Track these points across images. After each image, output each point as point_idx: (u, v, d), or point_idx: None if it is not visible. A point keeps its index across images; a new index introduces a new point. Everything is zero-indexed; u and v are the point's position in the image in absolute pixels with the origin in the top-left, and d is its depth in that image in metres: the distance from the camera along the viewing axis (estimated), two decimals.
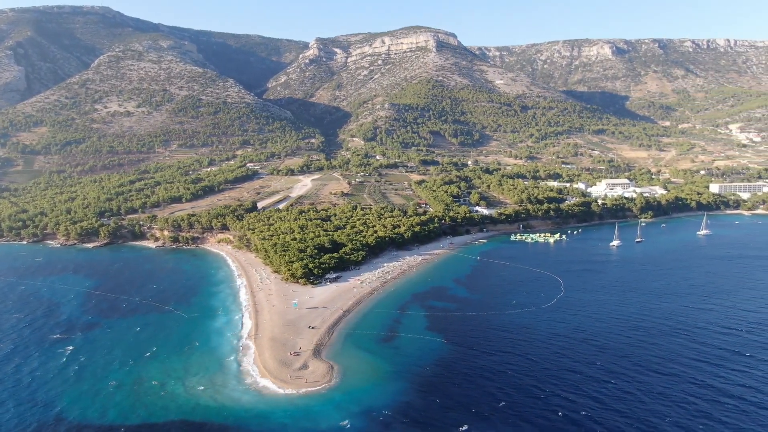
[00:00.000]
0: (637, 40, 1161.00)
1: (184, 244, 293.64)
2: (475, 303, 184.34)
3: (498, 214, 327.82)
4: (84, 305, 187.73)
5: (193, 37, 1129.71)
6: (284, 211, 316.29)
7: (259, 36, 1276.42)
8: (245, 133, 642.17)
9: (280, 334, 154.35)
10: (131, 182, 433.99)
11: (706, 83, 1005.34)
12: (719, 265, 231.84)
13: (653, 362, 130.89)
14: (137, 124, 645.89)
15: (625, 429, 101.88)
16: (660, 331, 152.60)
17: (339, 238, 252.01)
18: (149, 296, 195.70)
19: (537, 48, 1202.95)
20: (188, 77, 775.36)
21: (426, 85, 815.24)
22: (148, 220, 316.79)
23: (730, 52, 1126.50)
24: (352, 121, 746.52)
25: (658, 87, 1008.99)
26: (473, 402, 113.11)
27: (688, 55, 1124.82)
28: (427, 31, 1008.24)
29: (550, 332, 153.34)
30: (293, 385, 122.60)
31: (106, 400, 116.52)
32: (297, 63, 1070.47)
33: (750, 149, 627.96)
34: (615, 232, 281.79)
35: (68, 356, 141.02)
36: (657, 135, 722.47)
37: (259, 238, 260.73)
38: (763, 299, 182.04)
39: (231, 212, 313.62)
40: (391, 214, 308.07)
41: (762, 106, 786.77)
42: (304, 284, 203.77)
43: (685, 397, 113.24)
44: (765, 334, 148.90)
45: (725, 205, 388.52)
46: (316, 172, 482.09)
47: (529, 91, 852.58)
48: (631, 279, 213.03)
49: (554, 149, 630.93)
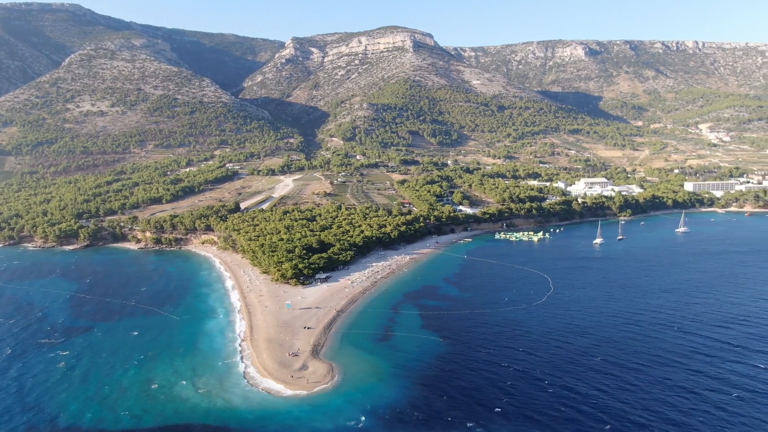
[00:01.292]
0: (609, 42, 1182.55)
1: (167, 246, 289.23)
2: (467, 301, 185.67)
3: (482, 213, 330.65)
4: (72, 309, 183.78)
5: (166, 35, 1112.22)
6: (268, 212, 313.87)
7: (233, 35, 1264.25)
8: (223, 133, 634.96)
9: (276, 335, 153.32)
10: (108, 183, 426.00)
11: (675, 84, 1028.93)
12: (701, 261, 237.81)
13: (649, 355, 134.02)
14: (111, 124, 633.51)
15: (633, 419, 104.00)
16: (651, 324, 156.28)
17: (326, 239, 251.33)
18: (138, 299, 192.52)
19: (512, 49, 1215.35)
20: (163, 76, 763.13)
21: (404, 85, 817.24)
22: (129, 221, 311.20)
23: (699, 54, 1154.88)
24: (331, 120, 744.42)
25: (630, 87, 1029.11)
26: (479, 397, 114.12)
27: (658, 56, 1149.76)
28: (404, 31, 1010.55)
29: (545, 328, 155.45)
30: (296, 386, 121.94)
31: (114, 405, 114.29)
32: (273, 62, 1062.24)
33: (720, 149, 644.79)
34: (598, 230, 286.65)
35: (67, 361, 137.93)
36: (630, 135, 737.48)
37: (246, 238, 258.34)
38: (745, 293, 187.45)
39: (214, 213, 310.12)
40: (376, 214, 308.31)
41: (730, 107, 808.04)
42: (295, 285, 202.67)
43: (685, 387, 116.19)
44: (751, 326, 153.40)
45: (700, 203, 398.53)
46: (297, 172, 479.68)
47: (505, 91, 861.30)
48: (618, 275, 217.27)
49: (531, 149, 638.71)
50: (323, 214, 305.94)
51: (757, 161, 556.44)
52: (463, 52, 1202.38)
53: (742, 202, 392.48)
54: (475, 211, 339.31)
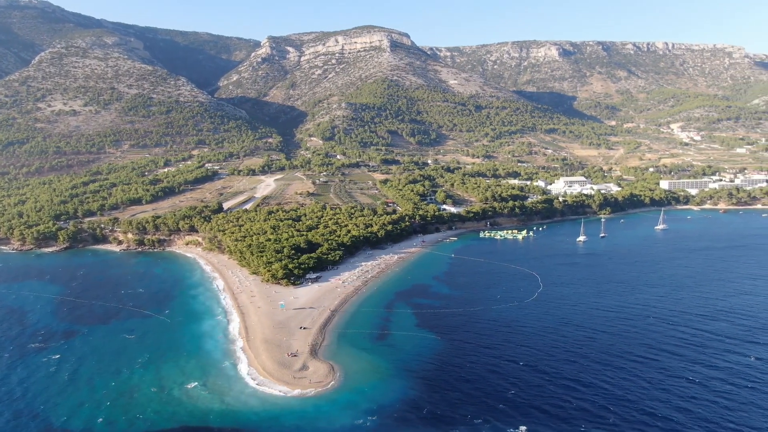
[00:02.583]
0: (582, 42, 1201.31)
1: (150, 247, 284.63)
2: (459, 299, 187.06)
3: (466, 212, 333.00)
4: (60, 312, 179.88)
5: (139, 33, 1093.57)
6: (253, 212, 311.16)
7: (207, 33, 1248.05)
8: (200, 132, 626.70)
9: (272, 335, 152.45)
10: (84, 184, 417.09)
11: (647, 84, 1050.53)
12: (683, 258, 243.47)
13: (642, 348, 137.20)
14: (85, 124, 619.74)
15: (638, 408, 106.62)
16: (642, 318, 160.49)
17: (314, 239, 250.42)
18: (126, 301, 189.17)
19: (487, 49, 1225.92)
20: (137, 75, 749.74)
21: (381, 84, 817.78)
22: (109, 222, 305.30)
23: (669, 55, 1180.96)
24: (309, 120, 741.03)
25: (603, 88, 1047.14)
26: (484, 393, 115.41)
27: (630, 57, 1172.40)
28: (381, 30, 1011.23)
29: (540, 324, 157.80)
30: (298, 386, 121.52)
31: (111, 410, 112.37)
32: (249, 61, 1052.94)
33: (692, 148, 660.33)
34: (581, 228, 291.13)
35: (57, 365, 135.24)
36: (605, 134, 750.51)
37: (232, 239, 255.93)
38: (728, 288, 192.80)
39: (197, 213, 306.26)
40: (361, 213, 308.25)
41: (699, 107, 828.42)
42: (286, 285, 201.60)
43: (684, 377, 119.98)
44: (736, 319, 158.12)
45: (676, 201, 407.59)
46: (278, 172, 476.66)
47: (482, 91, 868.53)
48: (604, 272, 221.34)
49: (509, 148, 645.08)
50: (308, 214, 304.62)
51: (727, 160, 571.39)
52: (438, 52, 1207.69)
53: (716, 200, 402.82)
54: (459, 210, 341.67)
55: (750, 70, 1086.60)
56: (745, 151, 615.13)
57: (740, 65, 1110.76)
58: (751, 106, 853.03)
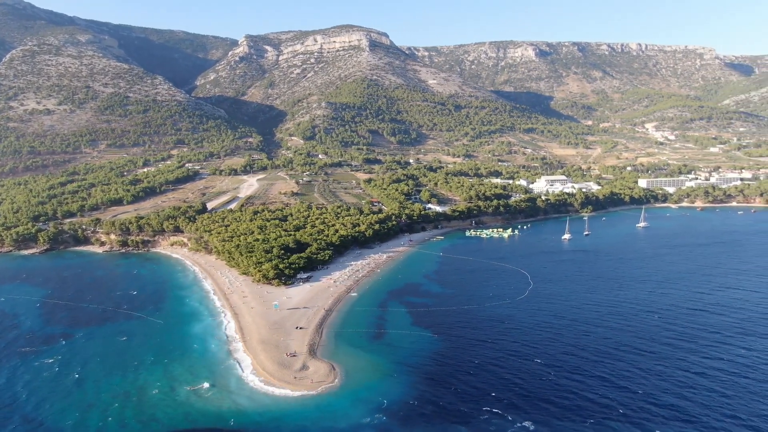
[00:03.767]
0: (558, 43, 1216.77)
1: (135, 248, 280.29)
2: (452, 297, 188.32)
3: (451, 211, 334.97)
4: (47, 315, 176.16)
5: (113, 31, 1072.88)
6: (238, 212, 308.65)
7: (183, 32, 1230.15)
8: (179, 132, 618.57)
9: (269, 336, 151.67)
10: (62, 184, 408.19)
11: (621, 84, 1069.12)
12: (666, 254, 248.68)
13: (637, 341, 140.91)
14: (59, 123, 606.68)
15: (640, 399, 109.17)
16: (634, 314, 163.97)
17: (303, 238, 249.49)
18: (116, 303, 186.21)
19: (464, 49, 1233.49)
20: (113, 74, 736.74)
21: (361, 84, 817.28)
22: (91, 223, 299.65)
23: (642, 56, 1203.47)
24: (288, 119, 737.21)
25: (579, 88, 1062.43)
26: (488, 387, 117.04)
27: (605, 57, 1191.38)
28: (360, 30, 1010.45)
29: (534, 321, 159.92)
30: (301, 386, 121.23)
31: (121, 412, 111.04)
32: (227, 60, 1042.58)
33: (667, 147, 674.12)
34: (566, 226, 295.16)
35: (59, 369, 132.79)
36: (582, 134, 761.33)
37: (219, 239, 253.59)
38: (713, 283, 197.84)
39: (182, 214, 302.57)
40: (348, 213, 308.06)
41: (673, 107, 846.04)
42: (278, 285, 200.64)
43: (680, 369, 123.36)
44: (723, 312, 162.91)
45: (654, 199, 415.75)
46: (260, 171, 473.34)
47: (461, 90, 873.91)
48: (591, 269, 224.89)
49: (489, 147, 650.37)
50: (294, 214, 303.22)
51: (702, 159, 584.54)
52: (416, 51, 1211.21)
53: (693, 198, 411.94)
54: (444, 209, 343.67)
55: (720, 71, 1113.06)
56: (718, 151, 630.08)
57: (711, 66, 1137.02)
58: (722, 107, 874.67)
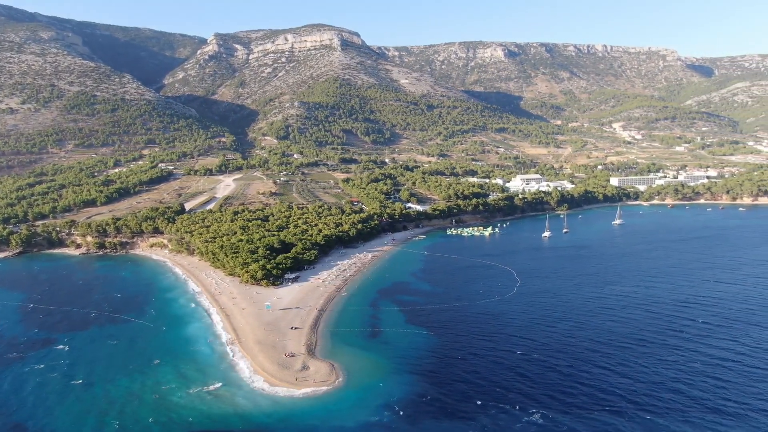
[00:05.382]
0: (527, 44, 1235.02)
1: (112, 251, 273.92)
2: (442, 295, 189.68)
3: (432, 210, 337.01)
4: (29, 320, 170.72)
5: (76, 28, 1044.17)
6: (218, 212, 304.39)
7: (149, 29, 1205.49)
8: (149, 132, 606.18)
9: (265, 337, 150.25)
10: (30, 185, 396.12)
11: (588, 85, 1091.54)
12: (643, 250, 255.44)
13: (628, 335, 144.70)
14: (23, 123, 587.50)
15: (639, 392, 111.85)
16: (622, 308, 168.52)
17: (287, 238, 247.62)
18: (100, 307, 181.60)
19: (434, 49, 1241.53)
20: (79, 72, 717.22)
21: (333, 83, 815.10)
22: (66, 225, 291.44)
23: (607, 57, 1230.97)
24: (261, 119, 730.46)
25: (547, 88, 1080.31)
26: (492, 383, 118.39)
27: (572, 58, 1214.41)
28: (331, 29, 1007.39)
29: (527, 317, 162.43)
30: (304, 387, 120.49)
31: (121, 417, 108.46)
32: (195, 59, 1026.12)
33: (635, 146, 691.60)
34: (546, 224, 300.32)
35: (49, 374, 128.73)
36: (552, 133, 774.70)
37: (201, 240, 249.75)
38: (693, 277, 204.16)
39: (160, 215, 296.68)
40: (329, 213, 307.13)
41: (639, 107, 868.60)
42: (267, 286, 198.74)
43: (675, 360, 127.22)
44: (708, 305, 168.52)
45: (626, 197, 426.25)
46: (236, 171, 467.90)
47: (433, 90, 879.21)
48: (574, 266, 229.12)
49: (463, 147, 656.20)
50: (276, 214, 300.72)
51: (668, 158, 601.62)
52: (387, 51, 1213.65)
53: (663, 196, 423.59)
54: (425, 208, 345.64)
55: (682, 72, 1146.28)
56: (683, 150, 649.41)
57: (673, 67, 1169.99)
58: (685, 107, 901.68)
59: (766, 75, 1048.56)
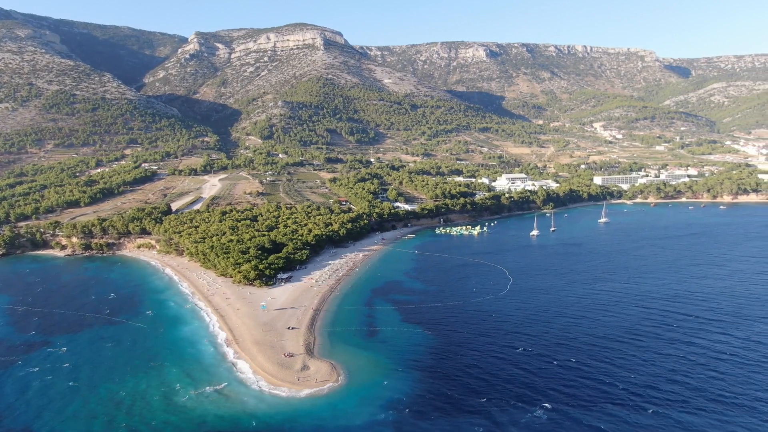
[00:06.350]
0: (508, 44, 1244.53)
1: (99, 252, 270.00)
2: (435, 294, 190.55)
3: (420, 210, 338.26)
4: (20, 323, 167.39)
5: (54, 26, 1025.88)
6: (206, 213, 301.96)
7: (128, 28, 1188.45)
8: (131, 131, 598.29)
9: (262, 337, 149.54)
10: (10, 186, 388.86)
11: (569, 85, 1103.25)
12: (630, 248, 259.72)
13: (623, 330, 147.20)
14: (1, 122, 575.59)
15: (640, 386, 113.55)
16: (615, 303, 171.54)
17: (278, 238, 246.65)
18: (90, 309, 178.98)
19: (417, 49, 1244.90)
20: (58, 70, 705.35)
21: (317, 83, 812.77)
22: (50, 226, 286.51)
23: (587, 58, 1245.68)
24: (244, 119, 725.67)
25: (529, 88, 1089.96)
26: (495, 378, 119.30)
27: (552, 59, 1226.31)
28: (314, 28, 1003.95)
29: (522, 313, 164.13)
30: (306, 387, 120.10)
31: (129, 419, 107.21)
32: (176, 57, 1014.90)
33: (616, 146, 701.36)
34: (534, 223, 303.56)
35: (50, 377, 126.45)
36: (535, 132, 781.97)
37: (191, 241, 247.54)
38: (681, 273, 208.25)
39: (147, 215, 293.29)
40: (318, 212, 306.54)
41: (619, 107, 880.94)
42: (260, 286, 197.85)
43: (667, 355, 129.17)
44: (698, 300, 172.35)
45: (610, 196, 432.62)
46: (221, 171, 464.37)
47: (416, 90, 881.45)
48: (564, 263, 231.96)
49: (447, 146, 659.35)
50: (265, 214, 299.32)
51: (649, 157, 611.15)
52: (369, 51, 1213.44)
53: (646, 194, 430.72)
54: (413, 207, 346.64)
55: (660, 73, 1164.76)
56: (663, 149, 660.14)
57: (652, 68, 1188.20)
58: (664, 107, 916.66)
59: (742, 76, 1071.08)
